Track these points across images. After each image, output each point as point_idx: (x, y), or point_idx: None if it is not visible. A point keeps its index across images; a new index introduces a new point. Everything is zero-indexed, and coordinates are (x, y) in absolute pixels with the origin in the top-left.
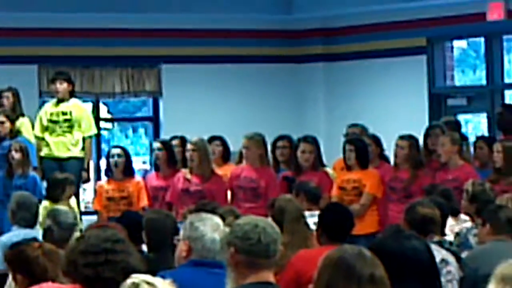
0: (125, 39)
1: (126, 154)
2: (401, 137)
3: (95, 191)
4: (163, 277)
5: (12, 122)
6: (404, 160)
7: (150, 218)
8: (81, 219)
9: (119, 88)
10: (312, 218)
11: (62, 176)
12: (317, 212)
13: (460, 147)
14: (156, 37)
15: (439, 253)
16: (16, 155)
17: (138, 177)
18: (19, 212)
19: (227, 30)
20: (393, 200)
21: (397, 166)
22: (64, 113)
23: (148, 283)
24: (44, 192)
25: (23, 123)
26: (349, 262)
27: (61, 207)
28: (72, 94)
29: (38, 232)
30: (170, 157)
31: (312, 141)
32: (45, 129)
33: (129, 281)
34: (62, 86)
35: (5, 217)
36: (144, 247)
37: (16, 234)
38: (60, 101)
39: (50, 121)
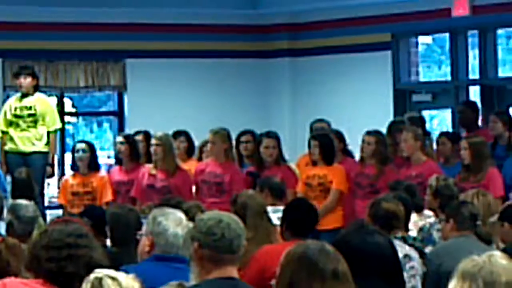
0: (89, 33)
1: (91, 149)
2: (368, 133)
3: (60, 185)
4: (126, 271)
5: None
6: (370, 156)
7: (113, 213)
8: (45, 213)
9: (84, 82)
10: (275, 214)
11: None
12: (281, 208)
13: (423, 143)
14: (121, 31)
15: (402, 249)
16: None
17: (103, 172)
18: None
19: (193, 24)
20: (360, 196)
21: (363, 162)
22: (28, 108)
23: (111, 277)
24: (8, 187)
25: None
26: (311, 257)
27: (22, 201)
28: (36, 88)
29: (2, 226)
30: (132, 151)
31: (274, 136)
32: (9, 123)
33: (92, 275)
34: (26, 81)
35: None
36: (108, 242)
37: None
38: (24, 95)
39: (15, 115)
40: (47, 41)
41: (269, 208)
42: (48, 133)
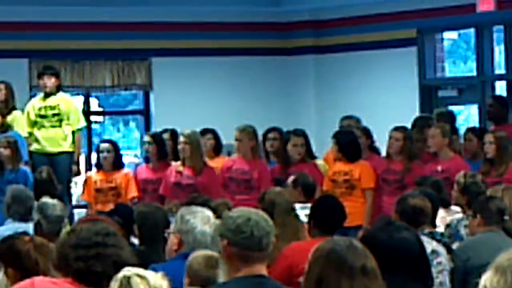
0: (115, 32)
1: (115, 149)
2: (396, 129)
3: (84, 181)
4: (155, 270)
5: (3, 116)
6: (397, 152)
7: (141, 211)
8: (72, 212)
9: (110, 82)
10: (303, 210)
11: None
12: (309, 205)
13: (450, 139)
14: (147, 30)
15: (429, 244)
16: (5, 152)
17: (126, 169)
18: (13, 205)
19: (218, 23)
20: (387, 192)
21: (390, 158)
22: (52, 107)
23: (139, 276)
24: None
25: (15, 117)
26: (340, 254)
27: (49, 200)
28: (59, 88)
29: (30, 226)
30: (160, 150)
31: (301, 134)
32: (33, 124)
33: (120, 274)
34: (50, 81)
35: None
36: (135, 240)
37: (8, 228)
38: (47, 95)
39: (39, 115)
40: (73, 41)
41: (298, 205)
42: (73, 132)
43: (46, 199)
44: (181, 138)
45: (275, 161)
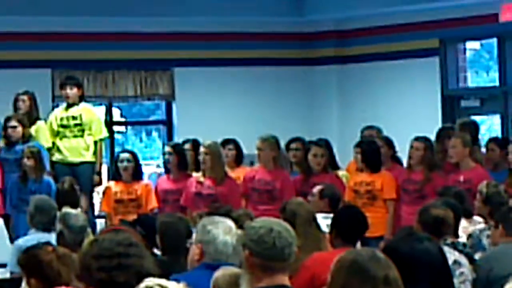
0: (138, 42)
1: (134, 159)
2: (416, 139)
3: (103, 192)
4: (177, 280)
5: (25, 126)
6: (418, 162)
7: (164, 222)
8: (95, 222)
9: (132, 92)
10: (325, 220)
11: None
12: (331, 215)
13: (471, 149)
14: (169, 40)
15: (451, 255)
16: (29, 162)
17: (146, 180)
18: (37, 215)
19: (240, 33)
20: (406, 202)
21: (411, 168)
22: (74, 118)
23: (162, 286)
24: None
25: (39, 127)
26: (363, 264)
27: (72, 210)
28: (82, 98)
29: (53, 236)
30: (180, 161)
31: (323, 144)
32: (55, 134)
33: (143, 284)
34: (72, 92)
35: (20, 222)
36: (157, 251)
37: (31, 238)
38: (69, 105)
39: (61, 126)
40: (95, 51)
41: (320, 215)
42: (95, 142)
43: (68, 209)
44: (202, 149)
45: (298, 171)
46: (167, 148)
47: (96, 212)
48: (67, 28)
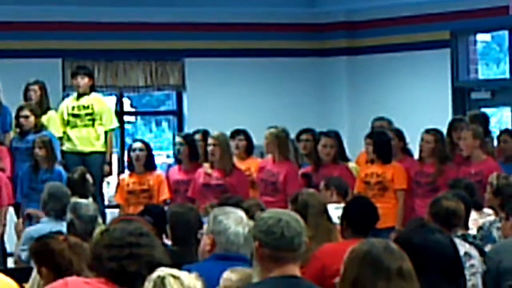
0: (149, 32)
1: (147, 148)
2: (427, 131)
3: (117, 184)
4: (188, 270)
5: (37, 116)
6: (429, 154)
7: (174, 212)
8: (105, 212)
9: (143, 82)
10: (337, 211)
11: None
12: (342, 205)
13: (482, 141)
14: (180, 30)
15: (462, 247)
16: (40, 152)
17: (159, 171)
18: (50, 202)
19: (251, 24)
20: (418, 194)
21: (422, 160)
22: (85, 107)
23: (173, 276)
24: None
25: (50, 117)
26: (376, 255)
27: (82, 200)
28: (92, 88)
29: (64, 225)
30: (191, 151)
31: (333, 135)
32: (66, 123)
33: (155, 274)
34: (83, 81)
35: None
36: (167, 241)
37: (42, 227)
38: (80, 95)
39: (72, 115)
40: (106, 41)
41: (331, 205)
42: (105, 132)
43: (79, 199)
44: (210, 140)
45: (308, 162)
46: (178, 139)
47: (106, 202)
48: (78, 18)
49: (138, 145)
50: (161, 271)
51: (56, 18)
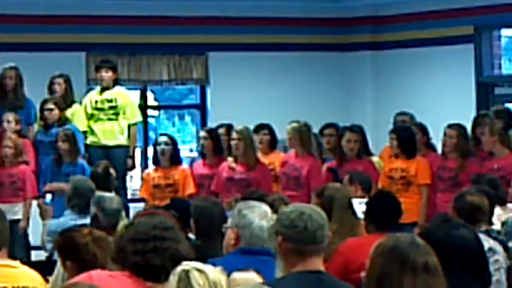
0: (173, 26)
1: (173, 142)
2: (450, 126)
3: (142, 179)
4: (213, 264)
5: (61, 109)
6: (452, 149)
7: (198, 206)
8: (128, 206)
9: (167, 76)
10: (361, 206)
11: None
12: (366, 200)
13: (502, 137)
14: (204, 24)
15: (486, 242)
16: (63, 145)
17: (184, 165)
18: (74, 198)
19: (275, 18)
20: (441, 190)
21: (445, 155)
22: (109, 101)
23: (198, 270)
24: None
25: (75, 111)
26: (403, 250)
27: (106, 193)
28: (116, 82)
29: (88, 219)
30: (216, 146)
31: (357, 130)
32: (89, 117)
33: (179, 268)
34: (107, 75)
35: (54, 204)
36: (191, 235)
37: (66, 221)
38: (104, 89)
39: (95, 108)
40: (130, 35)
41: (356, 200)
42: (129, 126)
43: (103, 193)
44: (234, 135)
45: (332, 157)
46: (203, 133)
47: (129, 196)
48: (103, 11)
49: (164, 139)
50: (186, 265)
51: (81, 11)
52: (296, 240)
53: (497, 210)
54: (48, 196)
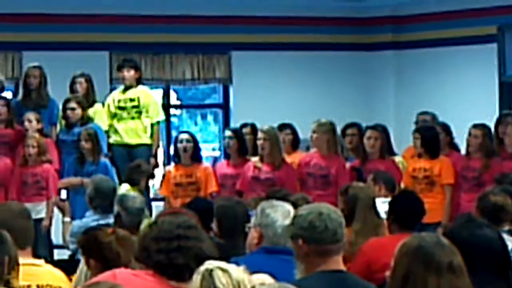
0: (195, 26)
1: (194, 140)
2: (475, 126)
3: (162, 176)
4: (236, 263)
5: (84, 108)
6: (477, 149)
7: (221, 205)
8: (151, 205)
9: (190, 75)
10: (385, 205)
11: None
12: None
13: None
14: (227, 24)
15: (510, 242)
16: (86, 145)
17: (205, 163)
18: (96, 199)
19: (297, 17)
20: (465, 189)
21: (469, 155)
22: (132, 100)
23: (222, 269)
24: (115, 178)
25: (97, 110)
26: (427, 250)
27: (130, 192)
28: (139, 81)
29: (111, 219)
30: (240, 146)
31: (380, 129)
32: (112, 116)
33: (203, 267)
34: (129, 74)
35: (76, 203)
36: (213, 234)
37: (88, 221)
38: (127, 88)
39: (118, 107)
40: (153, 34)
41: (380, 200)
42: (152, 125)
43: (126, 192)
44: (260, 134)
45: (354, 157)
46: (228, 133)
47: (152, 195)
48: (126, 11)
49: (185, 136)
50: (209, 264)
51: (104, 11)
52: (318, 240)
53: None
54: (63, 192)
